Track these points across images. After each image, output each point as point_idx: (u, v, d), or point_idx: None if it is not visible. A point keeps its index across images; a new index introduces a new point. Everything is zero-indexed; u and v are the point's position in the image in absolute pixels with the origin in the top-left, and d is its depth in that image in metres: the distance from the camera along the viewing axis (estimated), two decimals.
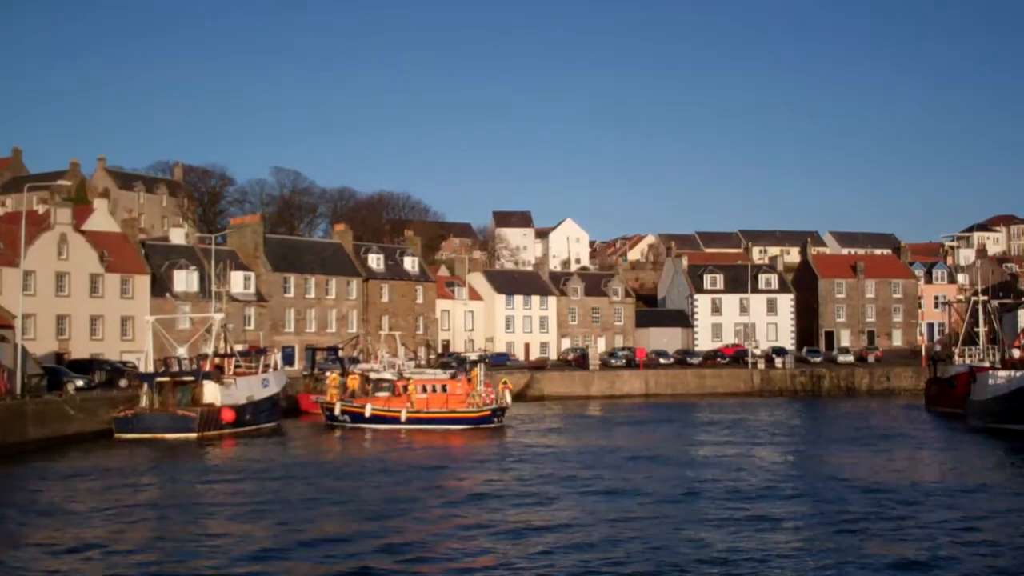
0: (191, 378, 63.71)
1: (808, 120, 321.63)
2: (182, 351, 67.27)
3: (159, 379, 63.27)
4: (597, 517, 34.38)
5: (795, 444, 58.79)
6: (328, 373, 76.57)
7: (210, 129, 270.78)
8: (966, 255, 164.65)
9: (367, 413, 67.01)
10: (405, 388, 68.64)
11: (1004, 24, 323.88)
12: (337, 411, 68.15)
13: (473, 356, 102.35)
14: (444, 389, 68.39)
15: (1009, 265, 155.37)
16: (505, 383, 72.53)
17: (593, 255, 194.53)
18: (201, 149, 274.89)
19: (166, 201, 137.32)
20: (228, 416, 62.15)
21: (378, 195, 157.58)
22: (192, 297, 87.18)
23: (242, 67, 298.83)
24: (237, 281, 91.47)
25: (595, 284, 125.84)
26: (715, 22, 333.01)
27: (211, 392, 63.32)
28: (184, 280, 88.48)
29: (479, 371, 70.87)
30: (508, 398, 70.28)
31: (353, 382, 73.33)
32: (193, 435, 59.49)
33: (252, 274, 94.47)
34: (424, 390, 68.06)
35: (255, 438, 61.25)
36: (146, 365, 68.27)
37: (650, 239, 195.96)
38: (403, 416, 66.35)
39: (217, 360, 67.76)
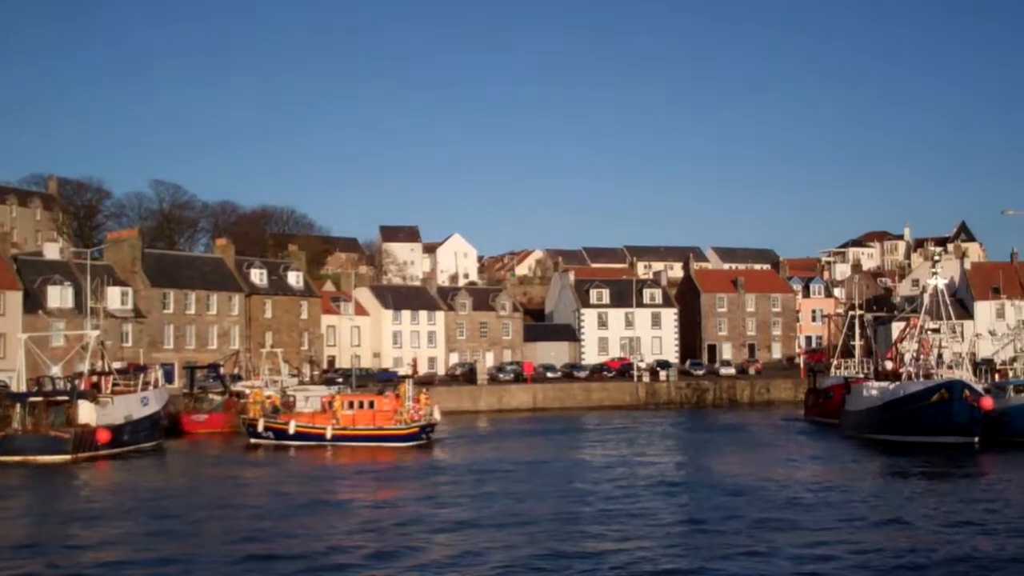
0: (65, 398, 61.76)
1: (689, 138, 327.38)
2: (56, 369, 65.18)
3: (31, 399, 61.16)
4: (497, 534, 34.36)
5: (675, 453, 59.91)
6: (250, 390, 75.40)
7: (86, 141, 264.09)
8: (842, 270, 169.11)
9: (291, 430, 65.74)
10: (331, 404, 67.46)
11: (879, 45, 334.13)
12: (260, 428, 66.77)
13: (402, 371, 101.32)
14: (371, 405, 66.95)
15: (883, 279, 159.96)
16: (426, 394, 71.25)
17: (481, 270, 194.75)
18: (77, 162, 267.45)
19: (40, 215, 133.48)
20: (104, 437, 60.19)
21: (261, 209, 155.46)
22: (67, 314, 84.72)
23: (120, 77, 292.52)
24: (114, 297, 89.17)
25: (483, 299, 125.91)
26: (600, 37, 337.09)
27: (86, 412, 61.21)
28: (58, 296, 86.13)
29: (407, 387, 68.96)
30: (437, 414, 68.61)
31: (275, 399, 71.90)
32: (67, 457, 57.61)
33: (130, 290, 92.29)
34: (351, 406, 66.78)
35: (132, 458, 59.81)
36: (18, 384, 66.04)
37: (538, 254, 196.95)
38: (328, 433, 65.00)
39: (94, 378, 65.90)
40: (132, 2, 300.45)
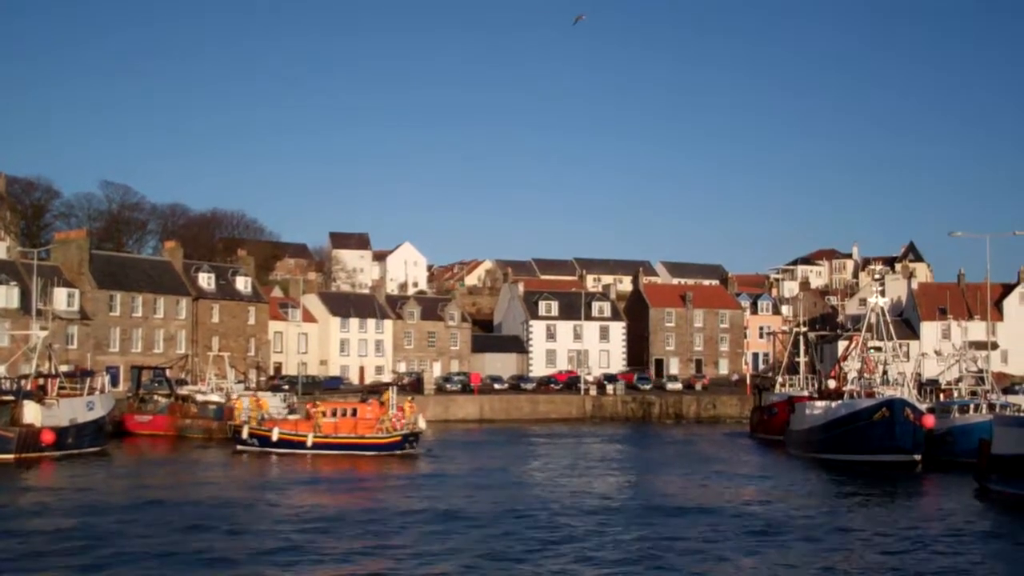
0: (10, 397, 61.21)
1: (641, 152, 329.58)
2: (1, 370, 64.59)
3: None
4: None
5: (618, 469, 60.32)
6: (245, 397, 74.56)
7: (37, 140, 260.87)
8: (790, 287, 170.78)
9: (274, 437, 65.12)
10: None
11: (829, 64, 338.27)
12: (245, 434, 66.28)
13: (385, 379, 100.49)
14: (354, 413, 66.41)
15: (830, 298, 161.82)
16: (411, 403, 70.26)
17: (431, 279, 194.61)
18: (27, 160, 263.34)
19: None
20: (48, 438, 59.77)
21: (211, 212, 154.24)
22: (12, 314, 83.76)
23: (72, 77, 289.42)
24: (60, 298, 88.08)
25: (432, 308, 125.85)
26: (554, 49, 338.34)
27: (31, 412, 60.70)
28: (4, 296, 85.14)
29: (391, 394, 68.24)
30: (422, 423, 67.44)
31: (264, 404, 71.47)
32: (10, 456, 57.17)
33: (76, 291, 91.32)
34: (333, 414, 66.34)
35: (76, 460, 59.29)
36: None
37: (487, 265, 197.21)
38: (309, 441, 64.47)
39: (40, 380, 65.25)
40: (85, 3, 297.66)
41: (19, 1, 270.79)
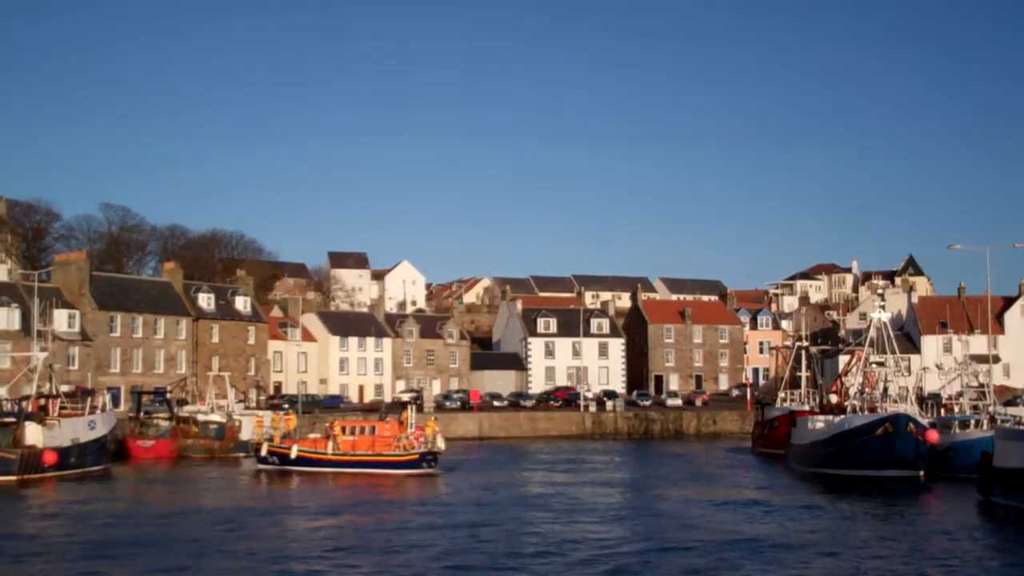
0: (12, 419, 61.32)
1: (638, 168, 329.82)
2: (2, 391, 64.73)
3: None
4: None
5: (623, 485, 60.40)
6: (255, 416, 74.63)
7: (37, 163, 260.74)
8: (790, 302, 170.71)
9: (293, 455, 65.25)
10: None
11: (825, 79, 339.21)
12: (264, 452, 66.42)
13: (404, 397, 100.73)
14: (372, 431, 66.44)
15: (830, 312, 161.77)
16: (432, 423, 69.81)
17: (429, 297, 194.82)
18: (27, 183, 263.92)
19: None
20: (50, 459, 59.95)
21: (210, 233, 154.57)
22: (13, 335, 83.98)
23: (72, 98, 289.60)
24: (61, 320, 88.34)
25: (431, 326, 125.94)
26: (548, 69, 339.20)
27: (33, 434, 60.87)
28: (5, 318, 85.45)
29: (410, 412, 67.94)
30: (440, 443, 66.04)
31: (289, 422, 71.44)
32: (13, 478, 57.27)
33: (77, 312, 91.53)
34: (352, 432, 66.48)
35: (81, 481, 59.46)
36: None
37: (486, 282, 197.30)
38: (327, 458, 64.66)
39: (41, 401, 65.35)
40: (81, 24, 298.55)
41: (10, 23, 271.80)
